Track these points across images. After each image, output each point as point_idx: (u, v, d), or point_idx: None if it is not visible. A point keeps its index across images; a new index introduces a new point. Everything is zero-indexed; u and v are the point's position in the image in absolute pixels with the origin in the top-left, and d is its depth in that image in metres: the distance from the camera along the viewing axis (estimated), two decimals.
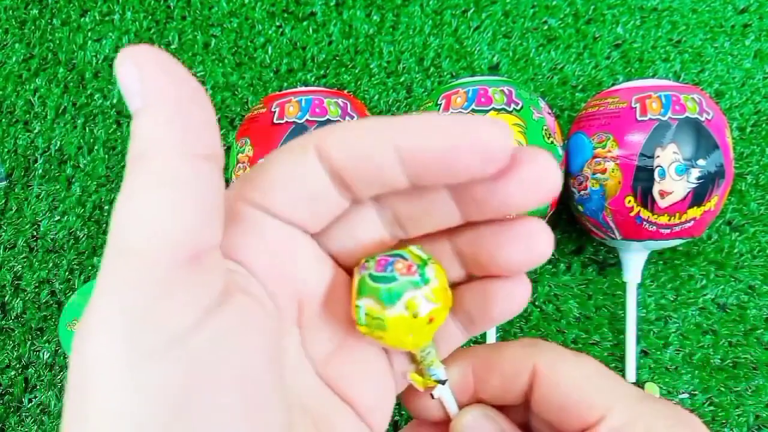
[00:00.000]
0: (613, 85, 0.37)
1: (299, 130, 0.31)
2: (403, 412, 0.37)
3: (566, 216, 0.38)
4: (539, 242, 0.17)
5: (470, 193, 0.16)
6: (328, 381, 0.18)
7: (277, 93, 0.33)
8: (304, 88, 0.33)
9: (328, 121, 0.31)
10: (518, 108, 0.31)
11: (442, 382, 0.19)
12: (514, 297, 0.19)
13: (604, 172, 0.32)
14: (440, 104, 0.32)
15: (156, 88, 0.12)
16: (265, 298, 0.16)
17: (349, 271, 0.19)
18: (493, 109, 0.31)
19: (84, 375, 0.12)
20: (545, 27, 0.42)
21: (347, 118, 0.31)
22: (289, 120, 0.31)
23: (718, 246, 0.38)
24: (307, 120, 0.31)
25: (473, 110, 0.31)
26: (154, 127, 0.12)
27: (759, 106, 0.40)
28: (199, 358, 0.12)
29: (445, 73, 0.41)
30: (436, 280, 0.17)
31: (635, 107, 0.31)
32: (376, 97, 0.41)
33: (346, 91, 0.41)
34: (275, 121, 0.31)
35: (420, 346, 0.18)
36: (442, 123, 0.15)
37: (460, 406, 0.20)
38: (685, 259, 0.38)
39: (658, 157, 0.30)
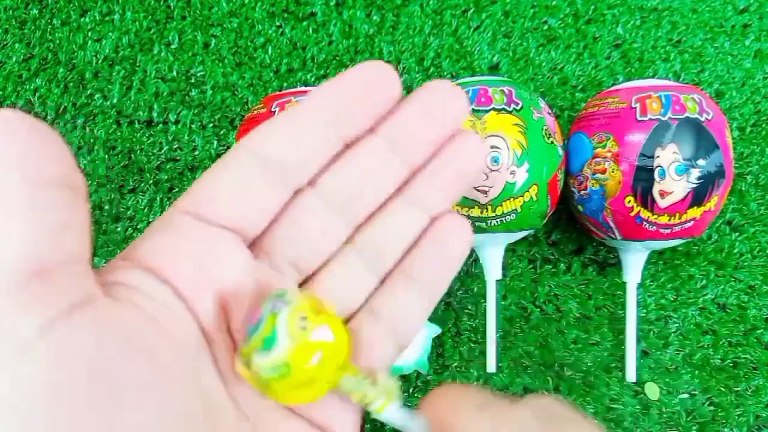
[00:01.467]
0: (613, 85, 0.37)
1: None
2: None
3: (566, 216, 0.38)
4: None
5: (401, 131, 0.19)
6: None
7: (278, 93, 0.33)
8: (304, 88, 0.33)
9: None
10: (518, 108, 0.31)
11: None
12: (458, 233, 0.20)
13: (604, 172, 0.32)
14: None
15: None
16: (171, 304, 0.16)
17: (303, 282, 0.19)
18: (493, 109, 0.31)
19: None
20: (545, 27, 0.42)
21: None
22: None
23: (718, 246, 0.38)
24: None
25: (473, 110, 0.31)
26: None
27: (759, 106, 0.40)
28: (45, 364, 0.13)
29: (445, 73, 0.41)
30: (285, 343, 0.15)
31: (635, 107, 0.31)
32: None
33: None
34: None
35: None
36: (347, 80, 0.18)
37: None
38: (685, 259, 0.38)
39: (658, 157, 0.30)
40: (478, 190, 0.31)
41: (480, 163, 0.20)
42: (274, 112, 0.31)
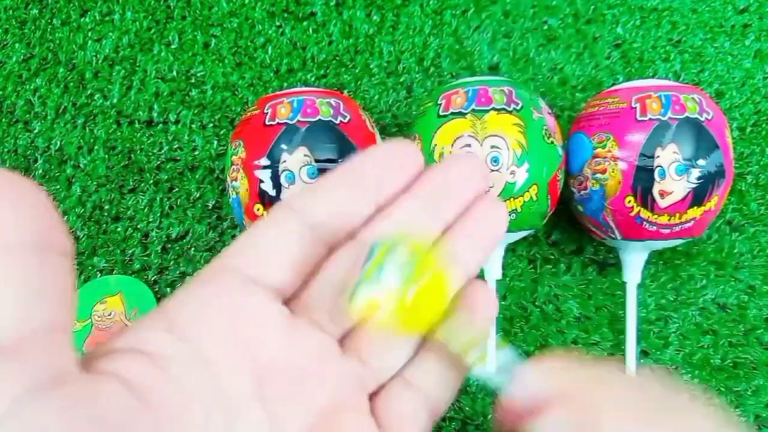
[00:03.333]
0: (613, 85, 0.37)
1: (290, 130, 0.31)
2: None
3: (566, 216, 0.38)
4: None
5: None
6: None
7: (271, 95, 0.33)
8: (297, 89, 0.33)
9: (320, 121, 0.31)
10: (518, 108, 0.31)
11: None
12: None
13: (604, 172, 0.32)
14: (440, 104, 0.32)
15: None
16: (186, 373, 0.15)
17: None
18: (493, 109, 0.31)
19: None
20: (545, 27, 0.42)
21: (339, 117, 0.31)
22: (280, 121, 0.31)
23: (718, 246, 0.38)
24: (298, 121, 0.31)
25: (473, 110, 0.31)
26: None
27: (759, 106, 0.40)
28: None
29: (445, 73, 0.41)
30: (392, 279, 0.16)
31: (635, 107, 0.31)
32: (376, 97, 0.41)
33: (346, 91, 0.41)
34: (267, 122, 0.31)
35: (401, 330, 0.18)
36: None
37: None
38: (685, 259, 0.38)
39: (658, 157, 0.30)
40: None
41: (504, 225, 0.21)
42: (266, 113, 0.31)
